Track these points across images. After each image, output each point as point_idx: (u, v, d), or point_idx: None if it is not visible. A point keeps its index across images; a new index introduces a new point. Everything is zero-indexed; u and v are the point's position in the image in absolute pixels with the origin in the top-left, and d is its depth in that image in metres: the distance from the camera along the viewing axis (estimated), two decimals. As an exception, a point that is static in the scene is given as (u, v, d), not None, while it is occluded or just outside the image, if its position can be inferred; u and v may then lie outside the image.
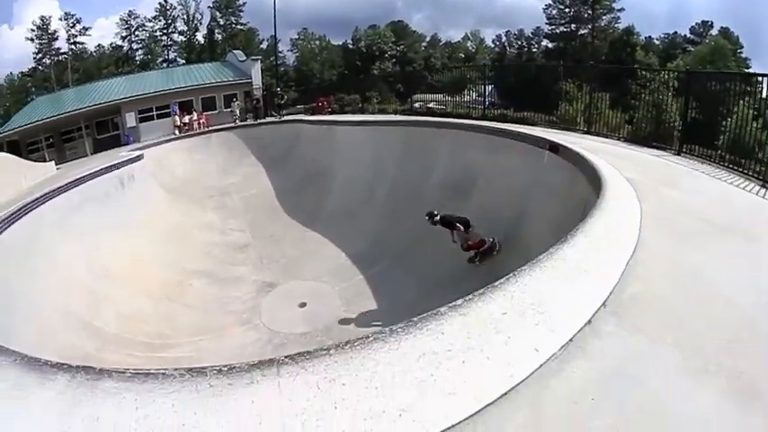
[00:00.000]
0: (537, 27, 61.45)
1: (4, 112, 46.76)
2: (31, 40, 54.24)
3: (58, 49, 55.52)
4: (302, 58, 61.51)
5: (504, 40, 65.82)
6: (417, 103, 21.72)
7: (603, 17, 54.60)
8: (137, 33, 59.54)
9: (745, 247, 4.45)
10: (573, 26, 56.28)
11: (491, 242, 9.43)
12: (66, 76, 51.56)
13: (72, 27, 55.96)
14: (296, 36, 62.94)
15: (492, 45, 66.44)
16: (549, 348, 2.78)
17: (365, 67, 55.42)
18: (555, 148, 9.19)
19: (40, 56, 54.94)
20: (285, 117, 23.42)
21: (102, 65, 56.16)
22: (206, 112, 24.72)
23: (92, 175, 12.49)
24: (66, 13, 55.79)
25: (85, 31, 57.14)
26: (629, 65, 39.39)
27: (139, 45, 60.02)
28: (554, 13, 57.46)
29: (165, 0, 59.25)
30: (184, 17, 60.48)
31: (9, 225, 8.35)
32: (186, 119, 23.08)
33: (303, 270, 11.74)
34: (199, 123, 23.18)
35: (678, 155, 9.15)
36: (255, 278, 11.55)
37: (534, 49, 62.18)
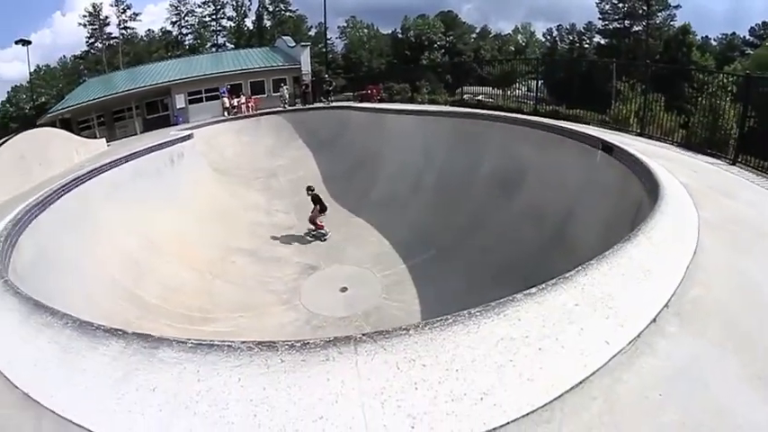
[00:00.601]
0: (589, 22, 59.27)
1: (57, 92, 48.47)
2: (84, 25, 56.13)
3: (110, 33, 57.26)
4: (351, 46, 61.52)
5: (556, 34, 63.96)
6: (467, 95, 21.53)
7: (659, 14, 52.17)
8: (186, 19, 60.77)
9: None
10: (626, 22, 53.92)
11: (326, 232, 12.83)
12: (117, 59, 53.09)
13: (122, 13, 57.46)
14: (344, 24, 63.13)
15: (542, 39, 64.75)
16: (619, 342, 2.86)
17: (414, 57, 55.02)
18: (608, 148, 9.04)
19: (92, 40, 56.78)
20: (333, 103, 23.54)
21: (152, 49, 57.51)
22: (255, 95, 25.13)
23: (145, 150, 12.90)
24: (117, 0, 57.41)
25: (136, 16, 58.64)
26: (685, 66, 37.77)
27: (189, 30, 61.29)
28: (607, 7, 55.25)
29: (215, -14, 60.22)
30: (233, 3, 61.33)
31: (63, 194, 8.70)
32: (235, 101, 23.55)
33: (346, 255, 11.81)
34: (247, 106, 23.62)
35: (733, 164, 8.75)
36: (298, 260, 11.67)
37: (586, 45, 60.08)
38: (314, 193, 13.00)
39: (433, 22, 58.75)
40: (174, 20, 60.55)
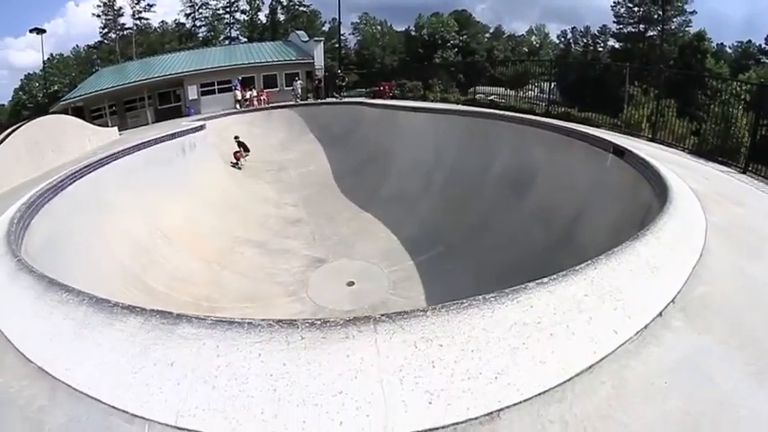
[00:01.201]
0: (603, 25, 59.03)
1: (69, 81, 48.94)
2: (98, 16, 56.53)
3: (123, 24, 57.50)
4: (364, 42, 61.79)
5: (570, 36, 63.74)
6: (479, 95, 21.60)
7: (674, 19, 51.53)
8: (200, 11, 61.10)
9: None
10: (641, 27, 53.40)
11: (240, 165, 17.38)
12: (131, 49, 53.31)
13: (137, 4, 57.75)
14: (357, 20, 63.33)
15: (556, 41, 64.54)
16: (627, 332, 2.97)
17: (427, 55, 55.09)
18: (620, 151, 9.09)
19: (105, 31, 57.10)
20: (345, 99, 23.64)
21: (166, 40, 57.81)
22: (267, 89, 25.32)
23: (157, 140, 13.02)
24: (131, -9, 57.68)
25: (150, 8, 58.90)
26: (698, 72, 37.50)
27: (202, 23, 61.56)
28: (622, 11, 54.72)
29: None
30: (247, -4, 61.55)
31: (76, 180, 8.80)
32: (247, 94, 23.77)
33: (354, 249, 11.90)
34: (259, 99, 23.85)
35: (744, 173, 8.72)
36: (306, 253, 11.75)
37: (600, 48, 59.78)
38: (239, 140, 17.92)
39: (447, 21, 58.78)
40: (188, 12, 61.02)
